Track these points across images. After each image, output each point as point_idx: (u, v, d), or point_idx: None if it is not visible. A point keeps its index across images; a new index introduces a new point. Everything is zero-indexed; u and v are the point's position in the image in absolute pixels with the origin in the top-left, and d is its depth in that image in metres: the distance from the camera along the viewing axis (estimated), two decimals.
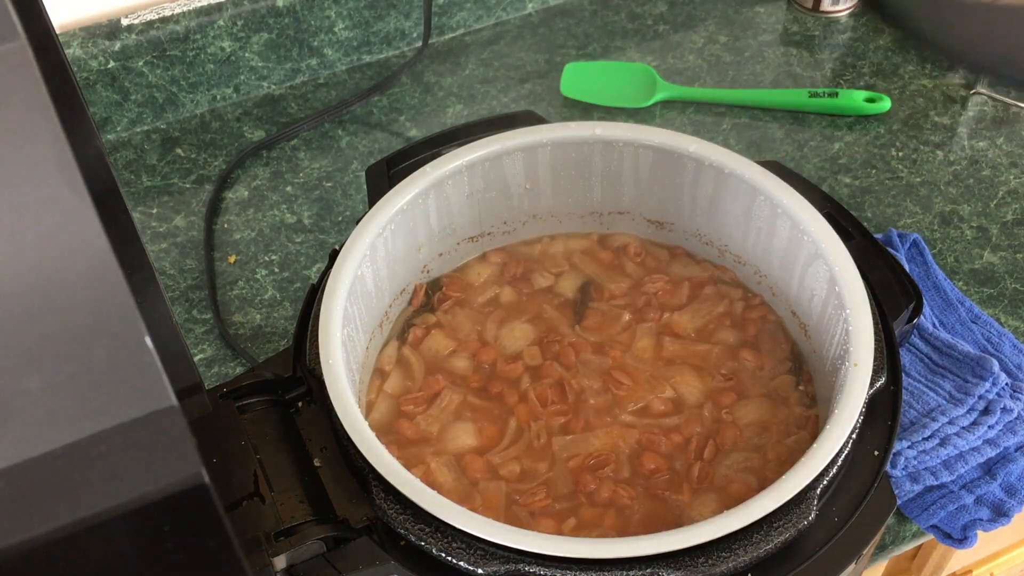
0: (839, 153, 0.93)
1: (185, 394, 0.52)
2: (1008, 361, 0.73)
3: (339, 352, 0.56)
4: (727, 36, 1.05)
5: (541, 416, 0.63)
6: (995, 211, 0.87)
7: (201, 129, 0.97)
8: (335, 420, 0.54)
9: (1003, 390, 0.69)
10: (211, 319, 0.81)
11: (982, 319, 0.77)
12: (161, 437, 0.27)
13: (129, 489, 0.27)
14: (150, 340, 0.26)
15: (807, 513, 0.51)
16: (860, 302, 0.58)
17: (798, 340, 0.66)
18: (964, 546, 0.67)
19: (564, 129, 0.68)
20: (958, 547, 0.67)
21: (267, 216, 0.89)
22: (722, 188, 0.66)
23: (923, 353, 0.73)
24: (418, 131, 0.96)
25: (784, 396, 0.64)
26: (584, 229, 0.74)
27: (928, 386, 0.71)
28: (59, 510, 0.26)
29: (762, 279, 0.68)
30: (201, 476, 0.28)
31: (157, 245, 0.87)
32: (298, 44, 0.99)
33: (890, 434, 0.56)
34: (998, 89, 0.98)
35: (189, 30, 0.93)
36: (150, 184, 0.92)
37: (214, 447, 0.54)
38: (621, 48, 1.04)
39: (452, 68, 1.03)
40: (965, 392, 0.69)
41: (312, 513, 0.52)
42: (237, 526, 0.51)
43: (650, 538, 0.49)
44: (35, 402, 0.26)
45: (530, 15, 1.09)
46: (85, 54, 0.90)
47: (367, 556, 0.51)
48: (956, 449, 0.67)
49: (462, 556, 0.50)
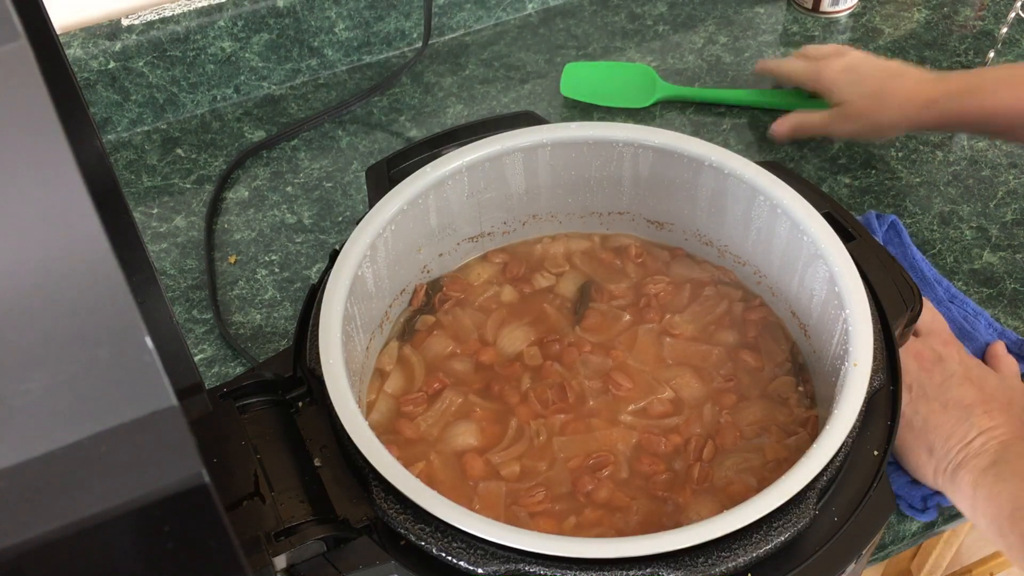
0: (839, 153, 0.93)
1: (185, 394, 0.52)
2: (982, 339, 0.76)
3: (339, 352, 0.56)
4: (727, 36, 1.05)
5: (542, 415, 0.63)
6: (994, 211, 0.87)
7: (201, 129, 0.97)
8: (335, 420, 0.54)
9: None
10: (211, 319, 0.81)
11: (958, 298, 0.79)
12: (161, 437, 0.27)
13: (129, 489, 0.27)
14: (150, 340, 0.26)
15: (806, 513, 0.51)
16: (860, 302, 0.58)
17: (798, 340, 0.66)
18: (924, 517, 0.68)
19: (564, 129, 0.68)
20: (919, 517, 0.68)
21: (267, 216, 0.89)
22: (722, 188, 0.66)
23: None
24: (418, 131, 0.96)
25: (784, 397, 0.64)
26: (584, 229, 0.74)
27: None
28: (59, 510, 0.26)
29: (762, 279, 0.68)
30: (201, 476, 0.28)
31: (157, 245, 0.87)
32: (298, 44, 0.99)
33: (890, 434, 0.56)
34: None
35: (189, 30, 0.93)
36: (150, 184, 0.92)
37: (214, 447, 0.54)
38: (621, 48, 1.04)
39: (452, 68, 1.03)
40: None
41: (312, 513, 0.52)
42: (237, 526, 0.51)
43: (650, 538, 0.49)
44: (36, 402, 0.26)
45: (530, 15, 1.09)
46: (86, 54, 0.90)
47: (367, 556, 0.51)
48: None
49: (462, 556, 0.50)
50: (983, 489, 0.60)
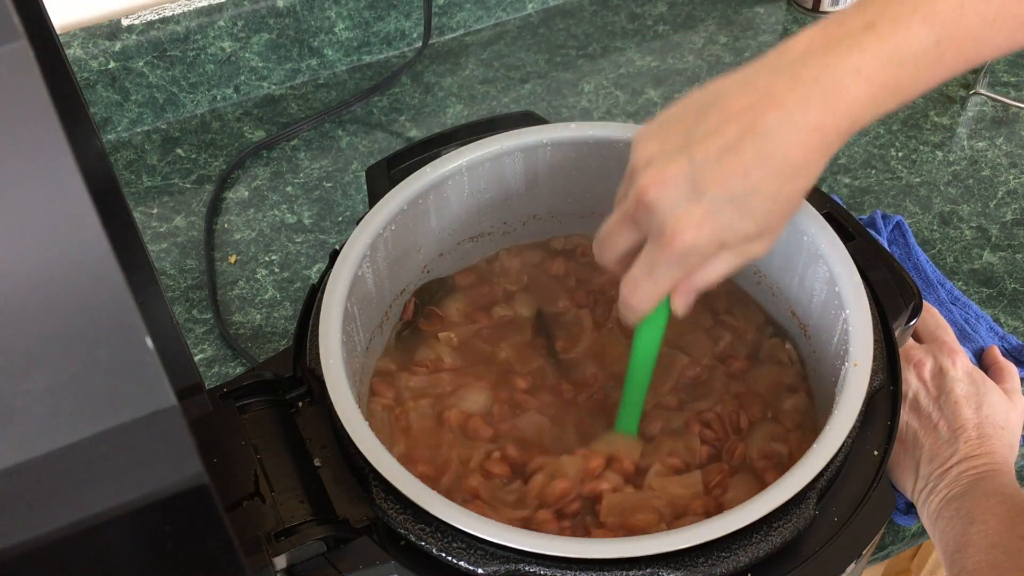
0: (839, 153, 0.93)
1: (185, 394, 0.52)
2: (983, 342, 0.75)
3: (339, 352, 0.56)
4: (727, 36, 1.05)
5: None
6: (995, 211, 0.87)
7: (201, 129, 0.97)
8: (335, 420, 0.54)
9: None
10: (211, 319, 0.81)
11: (961, 301, 0.79)
12: (161, 437, 0.27)
13: (129, 489, 0.27)
14: (150, 340, 0.26)
15: (806, 513, 0.51)
16: (860, 303, 0.58)
17: (798, 340, 0.66)
18: (907, 521, 0.67)
19: (564, 129, 0.68)
20: (901, 520, 0.68)
21: (267, 216, 0.89)
22: None
23: None
24: (418, 131, 0.96)
25: (778, 358, 0.66)
26: (584, 230, 0.74)
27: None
28: (59, 510, 0.26)
29: (762, 279, 0.68)
30: (201, 476, 0.28)
31: (157, 245, 0.87)
32: (298, 44, 0.99)
33: (890, 434, 0.56)
34: (997, 89, 0.98)
35: (189, 30, 0.93)
36: (150, 184, 0.92)
37: (214, 447, 0.54)
38: (621, 48, 1.04)
39: (452, 68, 1.03)
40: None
41: (312, 513, 0.52)
42: (237, 526, 0.51)
43: (650, 538, 0.49)
44: (36, 402, 0.26)
45: (530, 15, 1.09)
46: (86, 54, 0.90)
47: (367, 556, 0.51)
48: None
49: (462, 556, 0.50)
50: (942, 521, 0.60)
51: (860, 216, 0.85)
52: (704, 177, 0.49)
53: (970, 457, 0.61)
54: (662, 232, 0.50)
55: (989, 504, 0.58)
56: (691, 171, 0.49)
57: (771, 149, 0.48)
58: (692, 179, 0.49)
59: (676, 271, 0.52)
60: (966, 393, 0.65)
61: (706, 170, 0.48)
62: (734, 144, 0.48)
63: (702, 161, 0.48)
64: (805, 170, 0.49)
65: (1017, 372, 0.71)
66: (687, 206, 0.49)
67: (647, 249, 0.52)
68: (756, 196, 0.49)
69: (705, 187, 0.49)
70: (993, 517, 0.57)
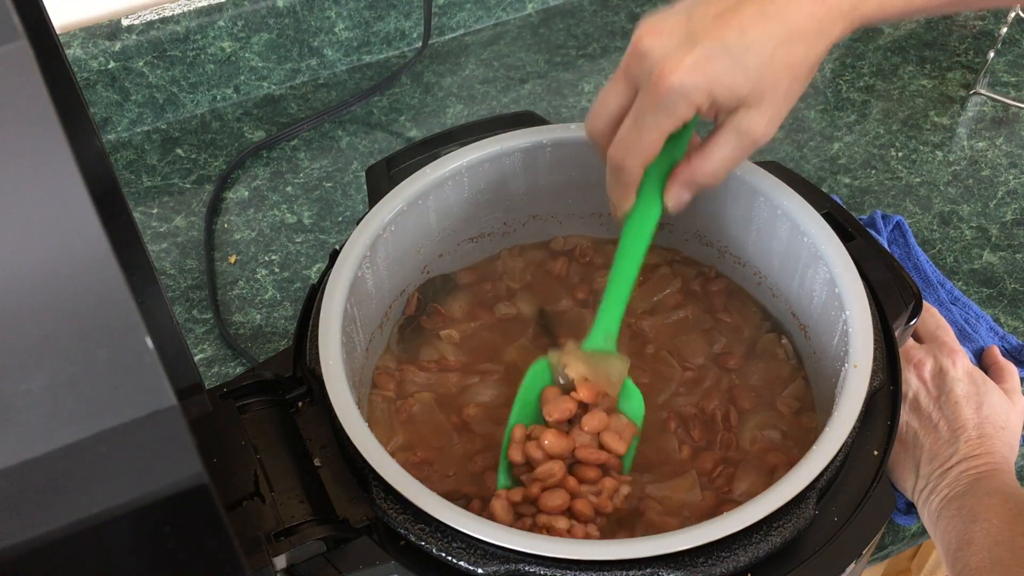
0: (839, 153, 0.93)
1: (185, 394, 0.52)
2: (983, 342, 0.75)
3: (339, 352, 0.56)
4: None
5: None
6: (994, 211, 0.87)
7: (201, 129, 0.97)
8: (335, 420, 0.54)
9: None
10: (211, 319, 0.81)
11: (961, 301, 0.79)
12: (161, 437, 0.27)
13: (129, 489, 0.27)
14: (150, 340, 0.26)
15: (806, 513, 0.51)
16: (860, 304, 0.58)
17: (798, 340, 0.66)
18: (907, 521, 0.67)
19: (564, 129, 0.68)
20: (901, 520, 0.68)
21: (267, 216, 0.89)
22: (722, 189, 0.66)
23: None
24: (418, 131, 0.96)
25: (773, 352, 0.66)
26: (584, 230, 0.74)
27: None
28: (59, 510, 0.26)
29: (762, 280, 0.68)
30: (201, 476, 0.28)
31: (157, 245, 0.87)
32: (298, 44, 0.99)
33: (890, 434, 0.56)
34: (997, 89, 0.98)
35: (189, 30, 0.93)
36: (150, 184, 0.92)
37: (214, 447, 0.54)
38: (621, 48, 1.04)
39: (452, 68, 1.03)
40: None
41: (312, 513, 0.52)
42: (237, 526, 0.51)
43: (650, 539, 0.49)
44: (36, 402, 0.26)
45: (530, 15, 1.09)
46: (85, 54, 0.90)
47: (367, 556, 0.51)
48: None
49: (462, 556, 0.50)
50: (943, 520, 0.60)
51: (860, 216, 0.85)
52: (700, 28, 0.50)
53: (970, 457, 0.61)
54: (650, 76, 0.51)
55: (991, 503, 0.58)
56: (688, 24, 0.51)
57: (771, 11, 0.50)
58: (688, 30, 0.50)
59: (663, 119, 0.52)
60: (966, 393, 0.65)
61: (704, 23, 0.50)
62: (735, 5, 0.50)
63: (700, 17, 0.50)
64: (801, 38, 0.50)
65: (1017, 372, 0.71)
66: (679, 50, 0.50)
67: (636, 100, 0.53)
68: (750, 52, 0.50)
69: (700, 37, 0.50)
70: (995, 515, 0.57)
